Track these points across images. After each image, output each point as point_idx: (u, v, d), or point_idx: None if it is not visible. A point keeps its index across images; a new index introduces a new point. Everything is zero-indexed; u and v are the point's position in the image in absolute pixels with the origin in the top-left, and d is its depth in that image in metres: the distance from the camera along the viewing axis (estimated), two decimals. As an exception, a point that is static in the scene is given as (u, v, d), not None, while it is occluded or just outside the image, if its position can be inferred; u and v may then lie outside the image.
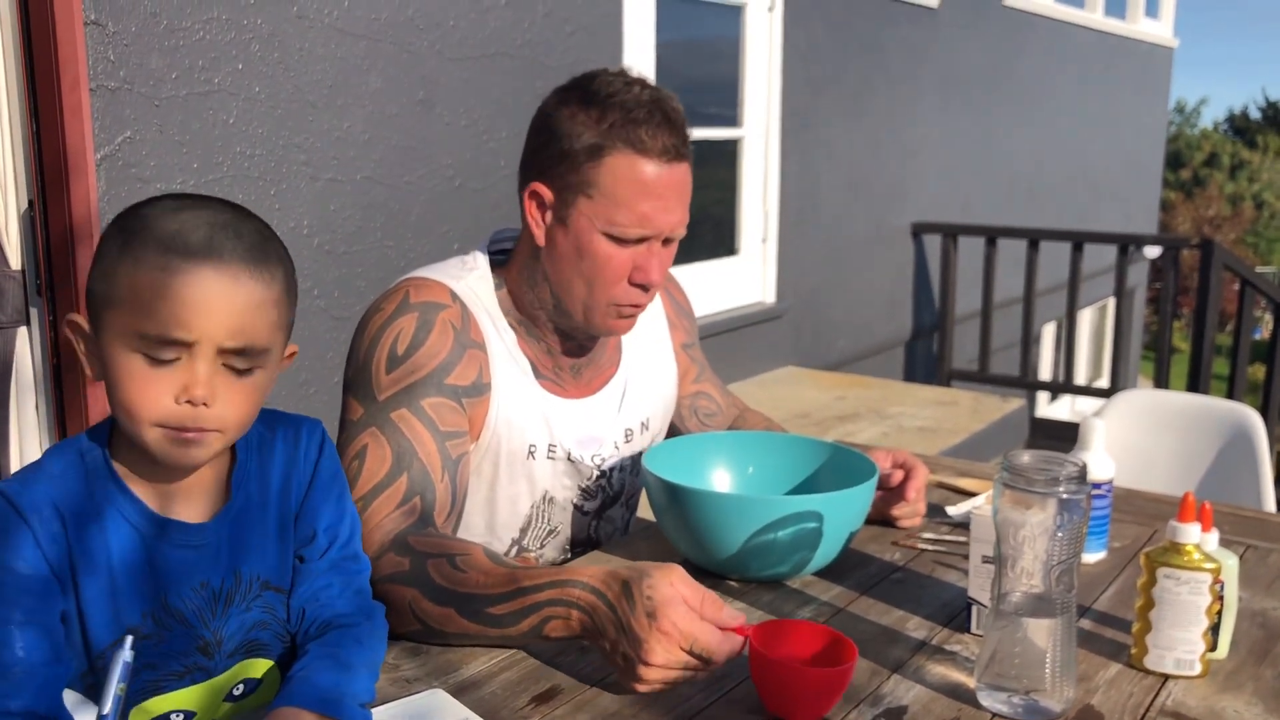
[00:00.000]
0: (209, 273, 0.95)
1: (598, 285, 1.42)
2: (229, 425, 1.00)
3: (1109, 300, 8.23)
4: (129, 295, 0.95)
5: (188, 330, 0.95)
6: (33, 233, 2.24)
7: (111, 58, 2.26)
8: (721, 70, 4.44)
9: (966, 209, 6.15)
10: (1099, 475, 1.46)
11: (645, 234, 1.41)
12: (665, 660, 1.07)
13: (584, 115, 1.39)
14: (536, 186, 1.42)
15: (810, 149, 4.77)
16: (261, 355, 1.00)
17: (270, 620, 1.11)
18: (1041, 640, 1.08)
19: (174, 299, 0.94)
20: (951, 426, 3.97)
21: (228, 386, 0.98)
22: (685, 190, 1.44)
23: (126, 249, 0.97)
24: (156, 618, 1.03)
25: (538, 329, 1.51)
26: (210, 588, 1.06)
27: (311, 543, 1.13)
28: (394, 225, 2.89)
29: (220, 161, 2.49)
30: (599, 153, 1.38)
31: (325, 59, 2.68)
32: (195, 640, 1.05)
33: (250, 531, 1.09)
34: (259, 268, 0.98)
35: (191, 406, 0.96)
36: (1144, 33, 8.73)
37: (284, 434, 1.13)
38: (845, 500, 1.38)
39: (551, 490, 1.52)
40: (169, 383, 0.96)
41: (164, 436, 0.98)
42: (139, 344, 0.95)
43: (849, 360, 5.22)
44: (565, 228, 1.42)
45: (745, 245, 4.60)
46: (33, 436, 2.28)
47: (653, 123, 1.38)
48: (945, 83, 5.81)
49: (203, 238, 0.96)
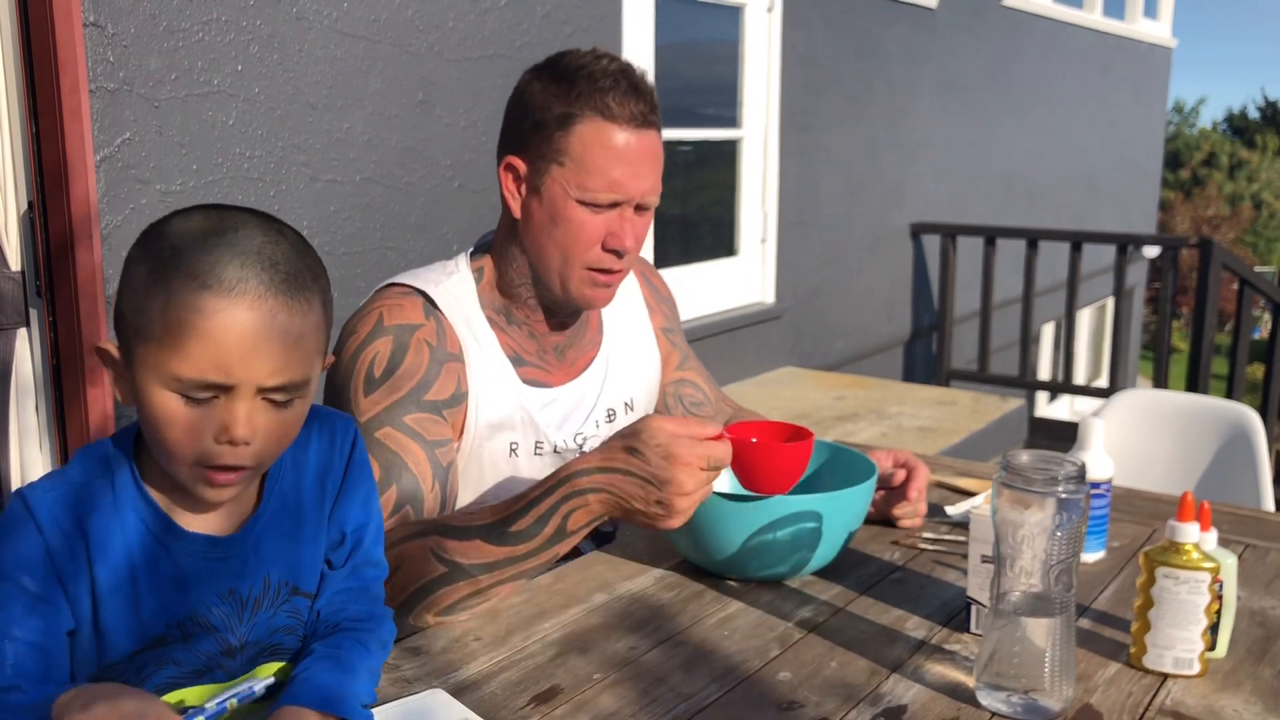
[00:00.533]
0: (245, 315, 0.91)
1: (572, 251, 1.45)
2: (266, 459, 0.98)
3: (1108, 300, 8.24)
4: (162, 334, 0.92)
5: (227, 375, 0.91)
6: (32, 234, 2.24)
7: (111, 59, 2.27)
8: (720, 71, 4.44)
9: (965, 209, 6.15)
10: (1098, 475, 1.47)
11: (617, 199, 1.44)
12: (695, 486, 1.22)
13: (554, 88, 1.43)
14: (511, 160, 1.46)
15: (809, 149, 4.78)
16: (303, 387, 0.97)
17: (295, 624, 1.10)
18: (1040, 639, 1.08)
19: (211, 343, 0.91)
20: (951, 426, 3.97)
21: (268, 421, 0.95)
22: (656, 158, 1.47)
23: (158, 280, 0.93)
24: (182, 628, 1.02)
25: (519, 310, 1.53)
26: (238, 595, 1.04)
27: (339, 546, 1.12)
28: (394, 226, 2.90)
29: (220, 163, 2.49)
30: (569, 121, 1.42)
31: (325, 60, 2.69)
32: (220, 644, 1.04)
33: (281, 536, 1.06)
34: (296, 298, 0.94)
35: (232, 446, 0.94)
36: (1142, 33, 8.73)
37: (319, 430, 1.11)
38: (844, 500, 1.38)
39: (538, 478, 1.52)
40: (207, 422, 0.93)
41: (200, 475, 0.95)
42: (175, 385, 0.92)
43: (848, 360, 5.23)
44: (539, 197, 1.45)
45: (744, 246, 4.61)
46: (32, 439, 2.28)
47: (619, 90, 1.42)
48: (944, 83, 5.81)
49: (236, 273, 0.91)
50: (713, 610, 1.33)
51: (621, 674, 1.17)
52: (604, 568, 1.46)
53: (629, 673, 1.17)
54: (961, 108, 6.03)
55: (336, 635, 1.08)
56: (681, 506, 1.23)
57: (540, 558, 1.27)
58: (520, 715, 1.08)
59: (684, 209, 4.53)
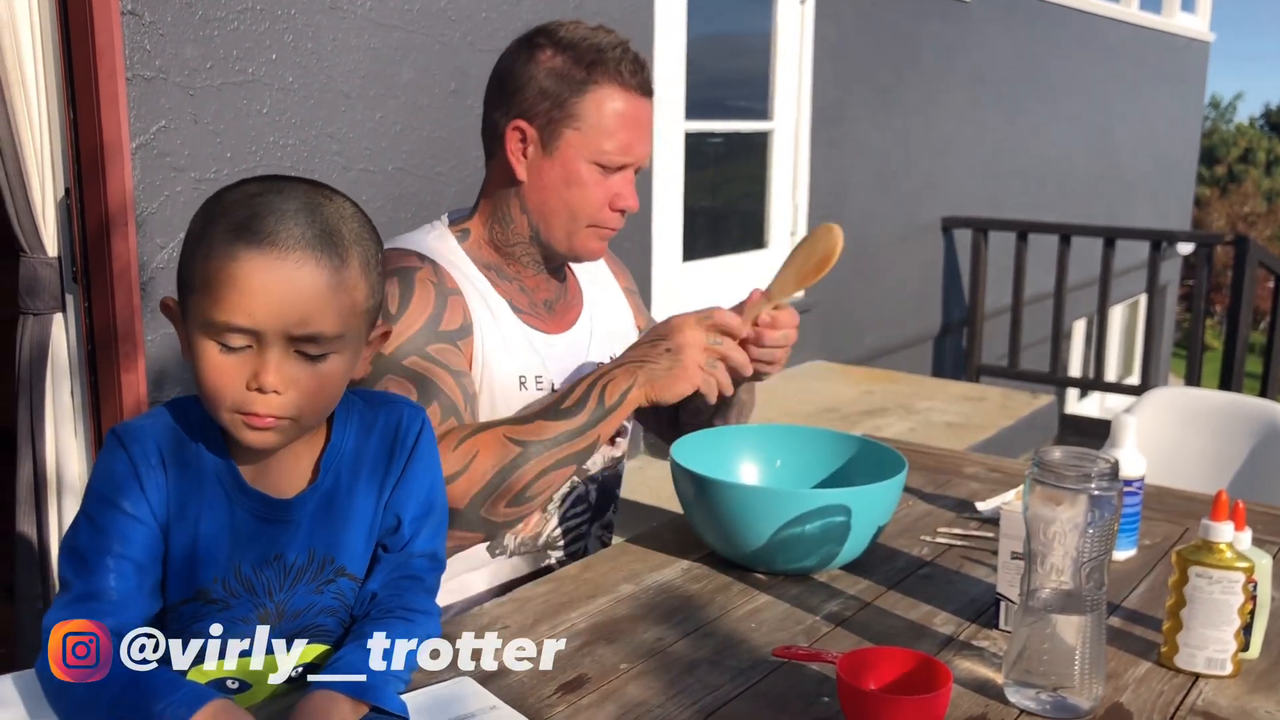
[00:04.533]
0: (271, 261, 0.95)
1: (583, 211, 1.53)
2: (304, 411, 1.00)
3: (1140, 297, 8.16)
4: (201, 283, 0.97)
5: (251, 319, 0.95)
6: (69, 220, 2.26)
7: (148, 47, 2.28)
8: (752, 64, 4.43)
9: (997, 204, 6.10)
10: (1130, 472, 1.46)
11: (626, 162, 1.53)
12: (695, 333, 1.41)
13: (561, 57, 1.50)
14: (518, 123, 1.51)
15: (840, 142, 4.75)
16: (334, 341, 0.99)
17: (339, 608, 1.11)
18: (1071, 637, 1.08)
19: (237, 288, 0.95)
20: (980, 422, 3.95)
21: (300, 373, 0.99)
22: (651, 124, 1.60)
23: (202, 235, 0.98)
24: (226, 584, 1.05)
25: (510, 268, 1.59)
26: (283, 561, 1.07)
27: (395, 532, 1.13)
28: (425, 216, 2.88)
29: (254, 151, 2.50)
30: (584, 88, 1.49)
31: (358, 49, 2.70)
32: (257, 608, 1.07)
33: (334, 514, 1.09)
34: (326, 253, 0.97)
35: (261, 394, 0.97)
36: (1180, 26, 8.63)
37: (386, 415, 1.13)
38: (873, 495, 1.37)
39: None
40: (241, 370, 0.97)
41: (239, 421, 0.99)
42: (211, 331, 0.97)
43: (877, 355, 5.20)
44: (552, 160, 1.51)
45: (774, 239, 4.59)
46: (67, 422, 2.30)
47: (628, 60, 1.52)
48: (977, 76, 5.77)
49: (271, 225, 0.96)
50: (740, 602, 1.33)
51: (649, 664, 1.17)
52: (631, 558, 1.47)
53: (656, 663, 1.17)
54: (994, 101, 5.99)
55: (385, 620, 1.08)
56: (689, 352, 1.41)
57: (589, 435, 1.40)
58: (547, 704, 1.09)
59: (713, 201, 4.52)
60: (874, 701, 1.03)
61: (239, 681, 1.09)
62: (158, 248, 2.35)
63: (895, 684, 1.06)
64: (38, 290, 2.26)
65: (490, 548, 1.54)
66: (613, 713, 1.07)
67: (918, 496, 1.72)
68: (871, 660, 1.07)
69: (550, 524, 1.59)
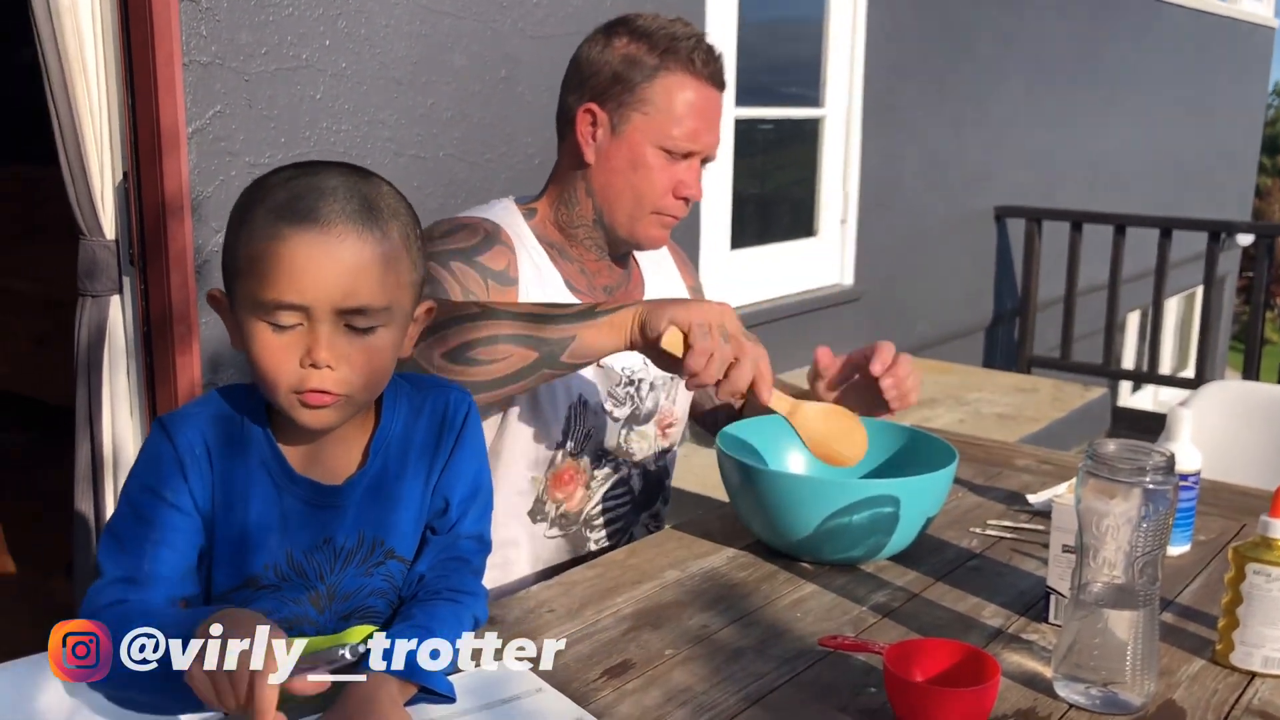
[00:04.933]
0: (314, 236, 0.97)
1: (647, 196, 1.55)
2: (357, 386, 1.02)
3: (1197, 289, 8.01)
4: (246, 265, 0.99)
5: (300, 295, 0.97)
6: (126, 204, 2.29)
7: (204, 33, 2.31)
8: (804, 50, 4.40)
9: (1051, 193, 6.02)
10: (1186, 466, 1.43)
11: (693, 149, 1.54)
12: (728, 316, 1.30)
13: (635, 45, 1.53)
14: (590, 106, 1.54)
15: (892, 130, 4.71)
16: (382, 314, 1.01)
17: (388, 590, 1.12)
18: (1122, 632, 1.06)
19: (284, 266, 0.97)
20: (1031, 414, 3.91)
21: (352, 346, 1.00)
22: (720, 117, 1.59)
23: (244, 220, 1.00)
24: (277, 570, 1.07)
25: (572, 249, 1.61)
26: (333, 545, 1.08)
27: (443, 515, 1.14)
28: (475, 202, 2.89)
29: (307, 136, 2.53)
30: (656, 74, 1.52)
31: (411, 36, 2.71)
32: (308, 590, 1.08)
33: (382, 497, 1.10)
34: (367, 227, 0.99)
35: (316, 370, 0.99)
36: (1244, 12, 8.45)
37: (433, 399, 1.15)
38: (922, 485, 1.36)
39: (585, 392, 1.57)
40: (294, 348, 0.99)
41: (296, 402, 1.01)
42: (261, 312, 0.98)
43: (927, 345, 5.16)
44: (619, 143, 1.54)
45: (824, 226, 4.56)
46: (124, 403, 2.34)
47: (700, 50, 1.54)
48: (1032, 64, 5.69)
49: (311, 204, 0.98)
50: (786, 591, 1.33)
51: (693, 650, 1.17)
52: (676, 545, 1.47)
53: (701, 650, 1.17)
54: (1050, 89, 5.90)
55: (434, 602, 1.09)
56: (708, 313, 1.29)
57: (564, 328, 1.30)
58: (592, 688, 1.09)
59: (763, 189, 4.50)
60: (921, 693, 1.02)
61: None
62: (213, 231, 2.38)
63: (943, 676, 1.05)
64: (96, 273, 2.30)
65: (531, 513, 1.56)
66: (658, 698, 1.08)
67: (968, 488, 1.70)
68: (919, 651, 1.06)
69: (591, 502, 1.60)
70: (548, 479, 1.56)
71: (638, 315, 1.31)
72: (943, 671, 1.06)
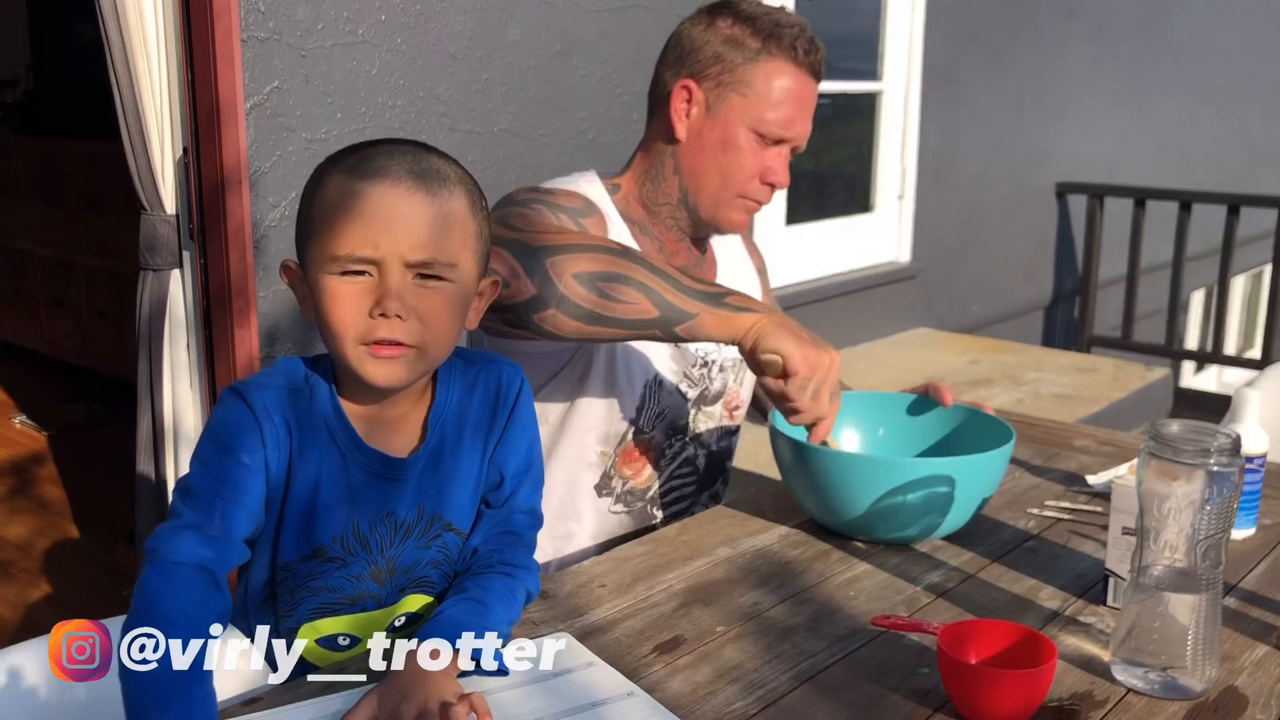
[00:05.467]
0: (386, 189, 1.01)
1: (733, 178, 1.54)
2: (426, 340, 1.04)
3: (1265, 267, 7.82)
4: (319, 225, 1.03)
5: (374, 247, 1.00)
6: (186, 179, 2.32)
7: (262, 9, 2.33)
8: (862, 23, 4.34)
9: (1114, 169, 5.90)
10: (1252, 449, 1.40)
11: (784, 136, 1.53)
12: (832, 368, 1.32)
13: (740, 27, 1.52)
14: (687, 83, 1.53)
15: (951, 105, 4.63)
16: (450, 269, 1.03)
17: (444, 561, 1.15)
18: (1184, 616, 1.04)
19: (356, 218, 1.00)
20: (1091, 394, 3.85)
21: (420, 299, 1.02)
22: (814, 108, 1.58)
23: (317, 186, 1.05)
24: (344, 542, 1.09)
25: (654, 227, 1.60)
26: (395, 518, 1.10)
27: (498, 488, 1.17)
28: (529, 177, 2.92)
29: (363, 112, 2.54)
30: (758, 57, 1.51)
31: (465, 10, 2.71)
32: (370, 565, 1.10)
33: (442, 471, 1.12)
34: (434, 186, 1.03)
35: (385, 320, 1.01)
36: (1317, -16, 8.20)
37: (486, 374, 1.16)
38: (979, 465, 1.35)
39: (661, 371, 1.57)
40: (364, 299, 1.01)
41: (365, 353, 1.03)
42: (333, 266, 1.01)
43: (984, 324, 5.09)
44: (713, 122, 1.53)
45: (881, 203, 4.51)
46: (184, 375, 2.38)
47: (804, 39, 1.53)
48: (1095, 36, 5.56)
49: (380, 163, 1.02)
50: (839, 570, 1.32)
51: (745, 628, 1.17)
52: (728, 522, 1.46)
53: (752, 627, 1.17)
54: (1113, 62, 5.77)
55: (488, 575, 1.11)
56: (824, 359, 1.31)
57: (691, 301, 1.31)
58: (644, 663, 1.09)
59: (819, 164, 4.45)
60: (976, 675, 1.01)
61: (349, 638, 1.12)
62: (270, 206, 2.41)
63: (998, 658, 1.04)
64: (157, 247, 2.33)
65: (598, 486, 1.56)
66: (709, 674, 1.07)
67: (1025, 468, 1.68)
68: (973, 632, 1.05)
69: (658, 479, 1.60)
70: (617, 454, 1.56)
71: (756, 326, 1.31)
72: (998, 653, 1.04)
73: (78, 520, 3.37)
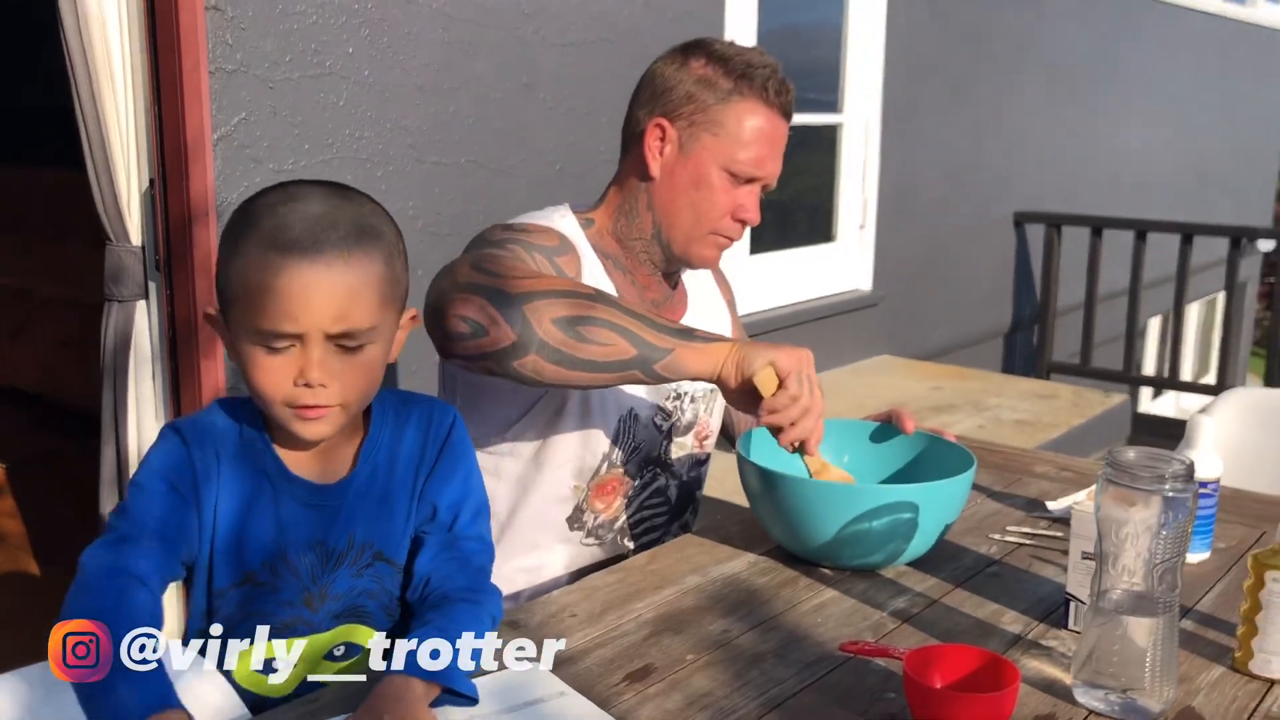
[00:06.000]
0: (305, 267, 1.03)
1: (706, 215, 1.57)
2: (349, 398, 1.09)
3: (1218, 294, 7.97)
4: (242, 293, 1.06)
5: (294, 323, 1.04)
6: (153, 210, 2.32)
7: (229, 41, 2.33)
8: (822, 56, 4.40)
9: (1071, 199, 6.00)
10: (1206, 474, 1.43)
11: (756, 175, 1.57)
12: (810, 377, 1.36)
13: (713, 67, 1.55)
14: (661, 121, 1.56)
15: (911, 136, 4.70)
16: (369, 333, 1.07)
17: (378, 590, 1.17)
18: (1142, 639, 1.07)
19: (278, 295, 1.03)
20: (1051, 420, 3.90)
21: (341, 365, 1.07)
22: (784, 147, 1.61)
23: (236, 248, 1.07)
24: (274, 568, 1.12)
25: (627, 261, 1.62)
26: (325, 547, 1.14)
27: (433, 519, 1.19)
28: (497, 208, 2.93)
29: (331, 143, 2.55)
30: (730, 97, 1.54)
31: (433, 43, 2.73)
32: (301, 592, 1.13)
33: (370, 501, 1.16)
34: (355, 253, 1.05)
35: (309, 388, 1.06)
36: (1264, 18, 8.40)
37: (418, 413, 1.20)
38: (941, 491, 1.37)
39: (636, 404, 1.59)
40: (288, 368, 1.06)
41: (291, 414, 1.08)
42: (257, 338, 1.06)
43: (946, 350, 5.15)
44: (685, 160, 1.56)
45: (843, 232, 4.56)
46: (149, 407, 2.37)
47: (775, 80, 1.56)
48: (1051, 69, 5.67)
49: (299, 233, 1.04)
50: (806, 596, 1.34)
51: (714, 656, 1.18)
52: (697, 550, 1.48)
53: (722, 655, 1.19)
54: (1069, 94, 5.88)
55: (449, 605, 1.12)
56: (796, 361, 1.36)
57: (665, 339, 1.34)
58: (614, 691, 1.10)
59: (782, 194, 4.49)
60: (941, 698, 1.03)
61: (284, 664, 1.13)
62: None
63: (962, 681, 1.06)
64: (122, 278, 2.32)
65: (570, 520, 1.57)
66: (679, 702, 1.09)
67: (987, 494, 1.71)
68: (938, 657, 1.07)
69: (628, 511, 1.61)
70: (590, 488, 1.58)
71: (734, 351, 1.36)
72: (962, 677, 1.06)
73: (37, 554, 3.32)
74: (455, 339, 1.34)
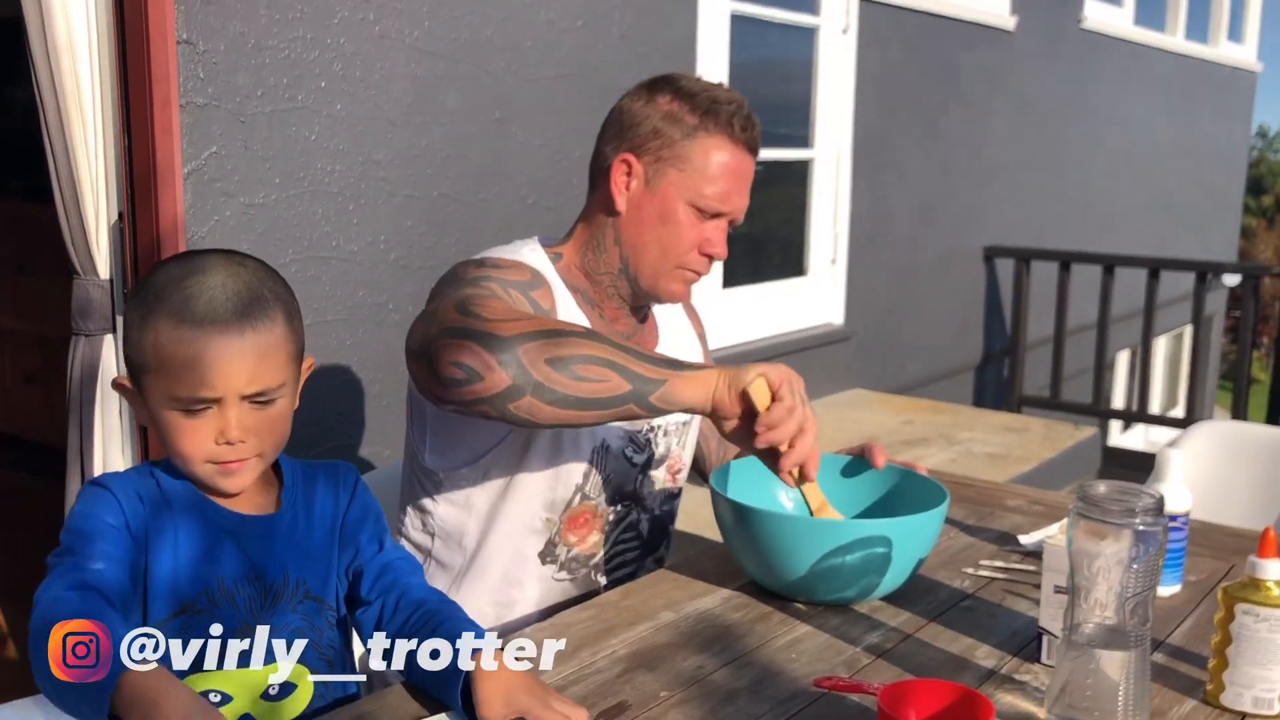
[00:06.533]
0: (217, 338, 1.11)
1: (672, 250, 1.57)
2: (266, 448, 1.17)
3: (1185, 328, 8.06)
4: (155, 364, 1.12)
5: (212, 390, 1.12)
6: (121, 244, 2.30)
7: (201, 75, 2.33)
8: (794, 91, 4.44)
9: (1040, 233, 6.07)
10: (1176, 507, 1.44)
11: (722, 210, 1.57)
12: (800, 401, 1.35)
13: (679, 103, 1.56)
14: (627, 157, 1.57)
15: (882, 171, 4.75)
16: (279, 389, 1.16)
17: (307, 627, 1.19)
18: (1114, 672, 1.07)
19: (194, 366, 1.11)
20: (1022, 454, 3.92)
21: (258, 419, 1.15)
22: (751, 182, 1.61)
23: (145, 322, 1.13)
24: (210, 596, 1.15)
25: (596, 294, 1.62)
26: (263, 582, 1.17)
27: (356, 556, 1.25)
28: (468, 242, 2.93)
29: (302, 177, 2.54)
30: (695, 133, 1.55)
31: (405, 78, 2.74)
32: (238, 622, 1.15)
33: (297, 537, 1.21)
34: (257, 319, 1.14)
35: (229, 446, 1.13)
36: (1227, 57, 8.56)
37: (324, 476, 1.27)
38: (915, 526, 1.37)
39: (608, 439, 1.59)
40: (208, 429, 1.13)
41: (213, 470, 1.15)
42: (174, 405, 1.13)
43: (918, 384, 5.17)
44: (652, 195, 1.56)
45: (814, 266, 4.59)
46: (115, 441, 2.34)
47: (741, 115, 1.56)
48: (1020, 106, 5.75)
49: (204, 307, 1.11)
50: (780, 632, 1.33)
51: (689, 693, 1.17)
52: (670, 585, 1.47)
53: (696, 691, 1.18)
54: (1038, 131, 5.96)
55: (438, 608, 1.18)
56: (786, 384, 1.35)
57: (655, 369, 1.34)
58: (587, 730, 1.09)
59: (753, 228, 4.52)
60: None
61: (220, 695, 1.14)
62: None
63: (936, 717, 1.05)
64: (90, 312, 2.30)
65: (542, 554, 1.56)
66: (652, 740, 1.07)
67: (959, 528, 1.71)
68: (913, 692, 1.07)
69: (603, 546, 1.60)
70: (562, 521, 1.57)
71: (722, 375, 1.35)
72: (936, 712, 1.06)
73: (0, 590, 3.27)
74: (450, 385, 1.32)
